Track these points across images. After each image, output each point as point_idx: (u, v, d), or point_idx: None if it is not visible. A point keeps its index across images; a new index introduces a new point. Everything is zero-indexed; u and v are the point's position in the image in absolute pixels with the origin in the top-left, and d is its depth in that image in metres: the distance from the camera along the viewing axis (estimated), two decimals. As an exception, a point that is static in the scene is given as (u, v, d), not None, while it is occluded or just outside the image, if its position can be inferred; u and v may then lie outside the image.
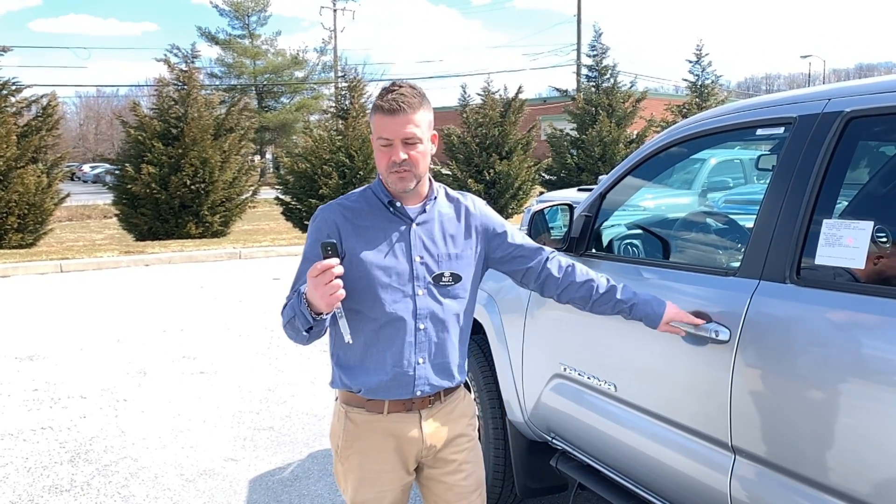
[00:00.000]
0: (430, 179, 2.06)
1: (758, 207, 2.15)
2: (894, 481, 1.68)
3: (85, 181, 47.01)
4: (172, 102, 15.53)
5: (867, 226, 1.84)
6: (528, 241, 2.21)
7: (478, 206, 2.15)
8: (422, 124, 1.94)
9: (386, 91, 1.94)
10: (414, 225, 2.02)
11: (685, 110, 22.15)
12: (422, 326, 2.00)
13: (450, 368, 2.07)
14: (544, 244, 2.85)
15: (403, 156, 1.92)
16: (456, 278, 2.04)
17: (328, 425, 4.60)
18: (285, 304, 1.97)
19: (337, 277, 1.74)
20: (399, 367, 1.99)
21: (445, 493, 2.12)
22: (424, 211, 2.04)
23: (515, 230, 2.20)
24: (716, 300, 2.15)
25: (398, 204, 2.02)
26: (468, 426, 2.17)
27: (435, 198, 2.07)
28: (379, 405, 2.02)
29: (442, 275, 2.02)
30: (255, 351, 6.37)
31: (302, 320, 1.85)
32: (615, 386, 2.53)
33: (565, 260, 2.20)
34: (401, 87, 1.95)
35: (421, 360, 2.01)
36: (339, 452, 2.09)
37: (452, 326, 2.05)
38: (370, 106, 14.54)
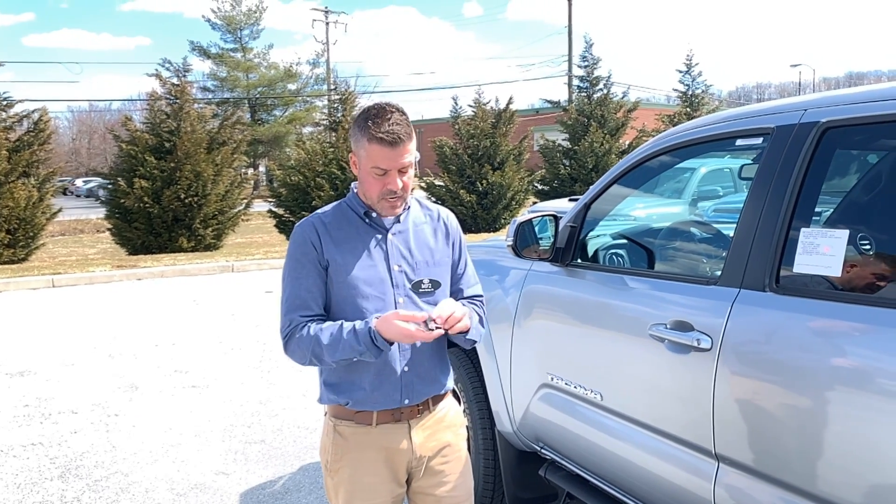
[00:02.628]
0: None
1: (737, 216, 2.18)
2: (876, 487, 1.70)
3: (78, 195, 46.94)
4: (165, 116, 15.55)
5: (843, 234, 1.87)
6: (470, 275, 2.21)
7: (451, 219, 2.21)
8: (413, 150, 1.97)
9: (378, 118, 1.91)
10: (389, 234, 2.05)
11: (676, 120, 22.27)
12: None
13: (435, 375, 2.09)
14: (532, 255, 2.89)
15: (400, 185, 1.95)
16: (435, 284, 2.07)
17: (319, 438, 4.60)
18: (330, 341, 1.92)
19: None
20: (384, 376, 2.01)
21: None
22: (399, 221, 2.07)
23: (469, 259, 2.23)
24: (698, 309, 2.18)
25: (374, 214, 2.04)
26: (457, 436, 2.18)
27: (408, 208, 2.10)
28: (367, 416, 2.03)
29: (421, 282, 2.05)
30: (247, 364, 6.37)
31: (374, 353, 1.91)
32: (601, 395, 2.55)
33: (478, 302, 2.20)
34: (392, 112, 1.93)
35: (406, 369, 2.02)
36: (328, 467, 2.09)
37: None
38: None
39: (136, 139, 15.29)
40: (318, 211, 2.10)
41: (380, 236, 2.05)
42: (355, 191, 2.08)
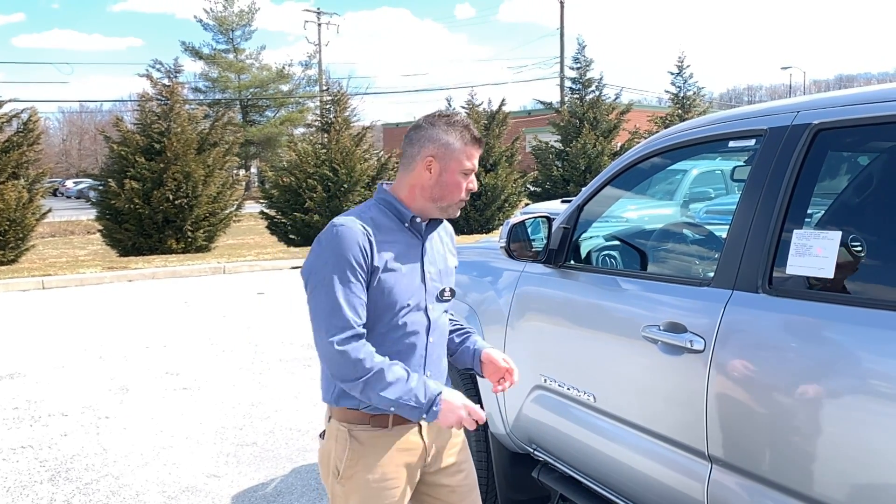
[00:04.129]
0: None
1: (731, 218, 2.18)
2: (869, 488, 1.70)
3: (68, 197, 46.74)
4: (155, 117, 15.48)
5: (835, 236, 1.88)
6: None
7: (450, 229, 2.25)
8: None
9: (467, 125, 2.01)
10: (426, 242, 2.06)
11: (668, 122, 22.34)
12: (431, 340, 2.05)
13: (444, 375, 2.14)
14: (525, 256, 2.88)
15: (476, 186, 2.05)
16: (452, 293, 2.13)
17: (312, 440, 4.59)
18: (394, 388, 1.89)
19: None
20: None
21: (449, 495, 2.13)
22: (432, 229, 2.09)
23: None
24: (691, 310, 2.18)
25: (418, 220, 2.03)
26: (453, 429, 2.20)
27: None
28: (384, 420, 1.99)
29: (444, 290, 2.10)
30: (239, 366, 6.34)
31: (416, 414, 1.93)
32: (594, 396, 2.55)
33: (457, 316, 2.29)
34: (465, 117, 2.06)
35: (428, 374, 2.04)
36: (341, 474, 2.01)
37: (446, 338, 2.14)
38: (355, 119, 14.27)
39: (126, 140, 15.23)
40: (358, 211, 2.01)
41: (417, 243, 2.04)
42: (394, 195, 2.03)
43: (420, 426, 2.05)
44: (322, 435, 2.11)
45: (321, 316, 1.90)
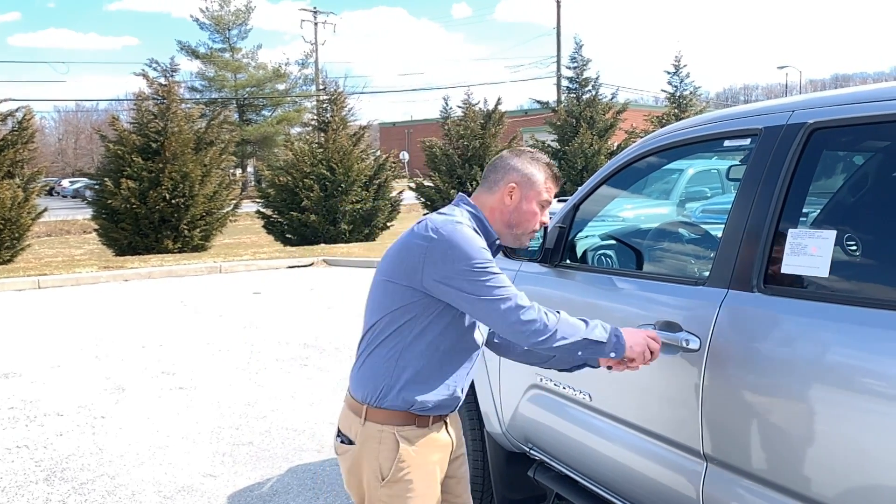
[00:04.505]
0: None
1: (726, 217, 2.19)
2: (863, 487, 1.70)
3: (64, 196, 46.62)
4: (152, 117, 15.46)
5: (830, 235, 1.88)
6: None
7: None
8: None
9: (549, 163, 2.17)
10: None
11: (664, 121, 22.36)
12: (475, 357, 2.15)
13: None
14: (521, 256, 2.89)
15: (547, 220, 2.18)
16: None
17: (308, 439, 4.59)
18: (577, 326, 1.98)
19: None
20: (460, 388, 2.10)
21: (455, 486, 2.23)
22: (498, 252, 2.19)
23: None
24: (686, 309, 2.18)
25: (498, 243, 2.15)
26: (459, 422, 2.28)
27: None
28: (425, 419, 2.05)
29: None
30: (235, 366, 6.33)
31: (606, 350, 2.00)
32: (590, 395, 2.55)
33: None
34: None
35: (465, 388, 2.14)
36: (388, 477, 1.99)
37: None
38: (352, 119, 14.30)
39: (123, 139, 15.20)
40: (459, 217, 2.04)
41: None
42: (482, 215, 2.10)
43: (446, 423, 2.12)
44: (346, 441, 2.07)
45: (504, 293, 1.94)
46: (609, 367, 2.11)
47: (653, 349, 2.05)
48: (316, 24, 46.11)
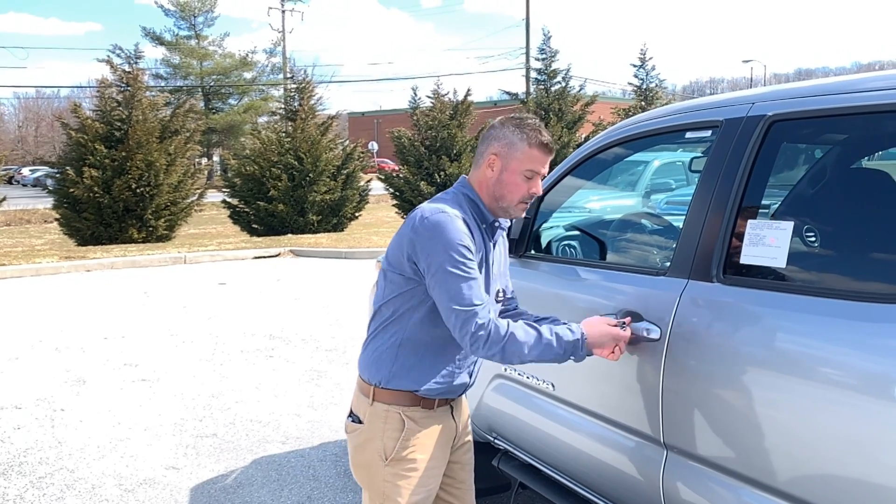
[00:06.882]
0: None
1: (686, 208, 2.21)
2: (820, 475, 1.73)
3: (24, 185, 45.62)
4: (115, 104, 15.17)
5: (788, 226, 1.91)
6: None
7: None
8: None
9: (538, 128, 2.04)
10: (494, 241, 2.13)
11: (631, 113, 22.55)
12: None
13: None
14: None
15: (540, 189, 2.07)
16: (504, 295, 2.20)
17: (273, 431, 4.55)
18: (533, 342, 1.96)
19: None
20: (464, 373, 2.09)
21: (460, 472, 2.23)
22: (500, 231, 2.15)
23: None
24: (648, 299, 2.20)
25: (495, 224, 2.10)
26: (467, 409, 2.30)
27: (506, 223, 2.19)
28: (430, 402, 2.07)
29: (500, 290, 2.17)
30: (199, 357, 6.26)
31: (567, 360, 2.01)
32: (553, 385, 2.56)
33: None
34: (543, 125, 2.08)
35: (475, 369, 2.15)
36: (391, 456, 2.03)
37: None
38: (320, 108, 14.17)
39: (85, 127, 14.89)
40: (453, 205, 2.01)
41: (490, 245, 2.10)
42: (476, 196, 2.06)
43: (452, 407, 2.13)
44: (356, 420, 2.10)
45: (465, 300, 1.92)
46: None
47: (618, 338, 2.06)
48: (283, 11, 45.59)
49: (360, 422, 2.09)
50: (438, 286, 1.92)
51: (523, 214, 2.13)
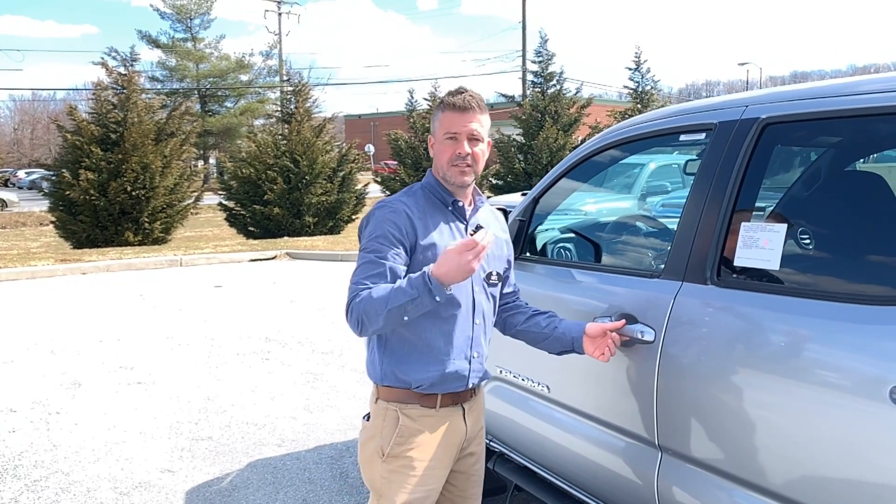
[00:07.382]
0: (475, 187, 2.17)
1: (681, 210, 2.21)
2: (814, 477, 1.74)
3: (20, 188, 45.54)
4: (111, 107, 15.15)
5: (782, 228, 1.91)
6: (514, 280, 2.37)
7: (501, 217, 2.33)
8: (485, 125, 2.08)
9: (455, 92, 2.08)
10: (468, 224, 2.12)
11: (626, 116, 22.57)
12: (477, 322, 2.11)
13: (486, 361, 2.20)
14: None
15: (468, 149, 2.04)
16: (500, 278, 2.18)
17: (268, 434, 4.55)
18: (386, 294, 1.89)
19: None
20: (458, 360, 2.07)
21: (465, 482, 2.21)
22: (475, 213, 2.15)
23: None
24: (642, 301, 2.20)
25: (460, 204, 2.10)
26: (483, 419, 2.28)
27: (483, 203, 2.18)
28: (432, 400, 2.05)
29: (491, 273, 2.15)
30: (195, 360, 6.25)
31: (428, 299, 1.86)
32: (548, 387, 2.56)
33: (522, 299, 2.39)
34: (465, 90, 2.09)
35: (475, 355, 2.11)
36: (387, 452, 2.05)
37: (492, 322, 2.20)
38: (316, 111, 14.16)
39: (81, 130, 14.87)
40: (401, 195, 2.10)
41: (462, 226, 2.11)
42: (434, 180, 2.11)
43: (464, 409, 2.11)
44: (366, 417, 2.15)
45: (350, 283, 1.99)
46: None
47: (462, 259, 1.83)
48: (280, 14, 45.54)
49: (369, 419, 2.13)
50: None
51: (466, 179, 2.05)
